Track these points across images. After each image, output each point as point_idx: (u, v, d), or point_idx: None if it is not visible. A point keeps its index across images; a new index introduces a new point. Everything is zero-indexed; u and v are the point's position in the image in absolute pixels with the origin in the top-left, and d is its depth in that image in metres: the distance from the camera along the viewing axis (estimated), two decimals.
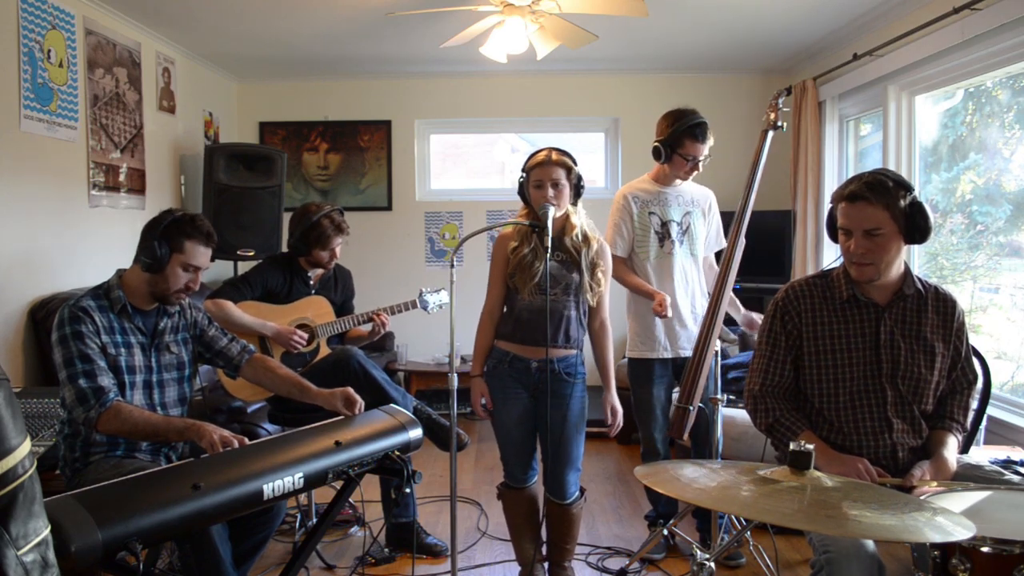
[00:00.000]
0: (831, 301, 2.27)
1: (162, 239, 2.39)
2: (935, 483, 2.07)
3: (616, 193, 3.35)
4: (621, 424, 2.86)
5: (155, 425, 2.27)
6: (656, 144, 3.21)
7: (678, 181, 3.27)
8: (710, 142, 3.18)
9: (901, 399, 2.21)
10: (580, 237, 2.77)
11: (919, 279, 2.28)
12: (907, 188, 2.14)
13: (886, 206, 2.10)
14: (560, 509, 2.82)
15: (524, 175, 2.76)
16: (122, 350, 2.38)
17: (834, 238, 2.28)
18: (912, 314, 2.25)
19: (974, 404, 2.30)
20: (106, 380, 2.28)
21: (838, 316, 2.25)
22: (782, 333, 2.30)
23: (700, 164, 3.21)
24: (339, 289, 3.59)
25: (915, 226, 2.14)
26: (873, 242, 2.13)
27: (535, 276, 2.70)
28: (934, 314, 2.26)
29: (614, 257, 3.21)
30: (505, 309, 2.85)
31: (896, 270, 2.22)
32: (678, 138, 3.16)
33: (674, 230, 3.23)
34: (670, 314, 3.07)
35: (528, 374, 2.76)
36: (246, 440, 2.17)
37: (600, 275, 2.79)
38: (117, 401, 2.26)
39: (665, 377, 3.23)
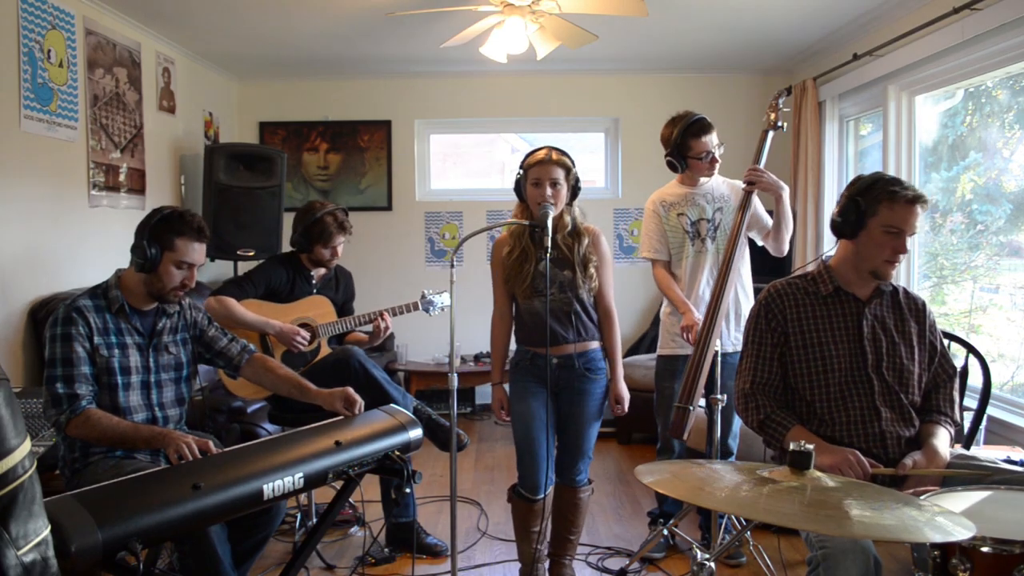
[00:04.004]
0: (814, 296, 2.35)
1: (151, 239, 2.37)
2: (926, 471, 2.12)
3: (646, 201, 3.38)
4: (626, 411, 2.88)
5: (123, 433, 2.28)
6: (668, 159, 3.25)
7: (703, 179, 3.28)
8: (714, 132, 3.20)
9: (888, 388, 2.27)
10: (571, 233, 2.79)
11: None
12: None
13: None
14: (568, 492, 2.84)
15: (522, 172, 2.76)
16: (116, 351, 2.38)
17: (849, 235, 2.28)
18: (889, 310, 2.35)
19: (957, 396, 2.37)
20: (83, 387, 2.28)
21: (822, 310, 2.33)
22: (768, 331, 2.36)
23: (716, 155, 3.21)
24: (340, 289, 3.59)
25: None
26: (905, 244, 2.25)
27: (526, 278, 2.73)
28: (907, 311, 2.36)
29: (656, 263, 3.30)
30: (515, 313, 2.88)
31: None
32: (683, 143, 3.18)
33: (705, 228, 3.24)
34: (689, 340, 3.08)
35: (549, 371, 2.76)
36: (212, 447, 2.17)
37: (593, 269, 2.80)
38: (88, 409, 2.27)
39: None
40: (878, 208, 2.22)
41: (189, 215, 2.44)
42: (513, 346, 2.93)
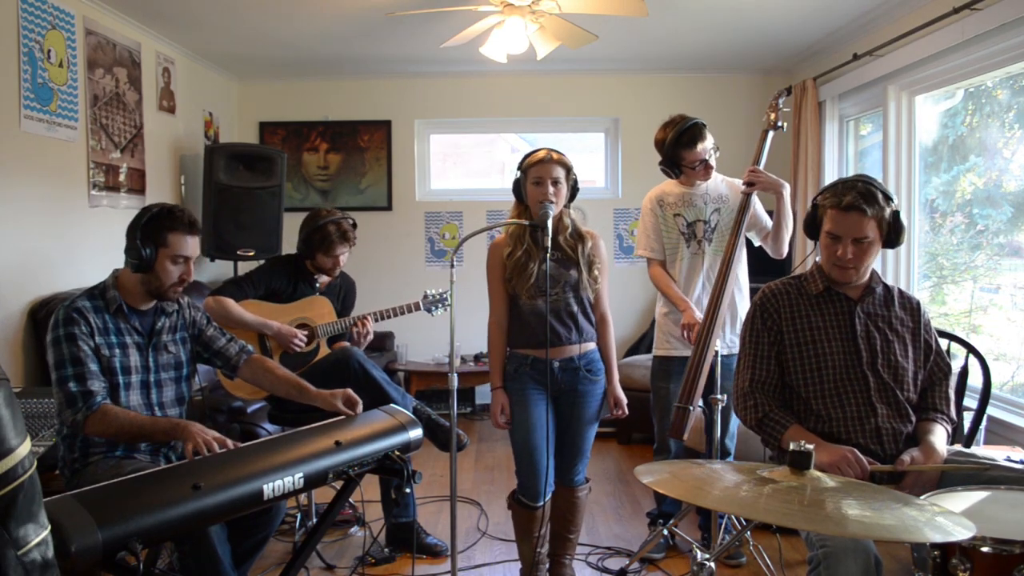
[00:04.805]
0: (806, 296, 2.38)
1: (144, 237, 2.36)
2: (924, 467, 2.13)
3: (644, 198, 3.36)
4: (627, 413, 2.89)
5: (141, 426, 2.27)
6: (662, 168, 3.25)
7: (700, 181, 3.28)
8: (707, 140, 3.17)
9: (883, 385, 2.28)
10: (573, 235, 2.79)
11: (882, 280, 2.42)
12: (891, 198, 2.28)
13: (875, 216, 2.23)
14: (567, 492, 2.84)
15: (521, 173, 2.76)
16: (117, 351, 2.38)
17: (812, 236, 2.39)
18: (882, 308, 2.36)
19: (953, 394, 2.38)
20: (96, 384, 2.27)
21: (814, 309, 2.36)
22: (764, 331, 2.38)
23: (710, 161, 3.19)
24: (341, 296, 3.57)
25: (894, 233, 2.28)
26: (859, 248, 2.25)
27: (531, 277, 2.72)
28: (900, 310, 2.37)
29: (652, 261, 3.30)
30: (511, 316, 2.83)
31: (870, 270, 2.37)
32: (674, 154, 3.17)
33: (701, 230, 3.23)
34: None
35: (550, 375, 2.75)
36: (229, 443, 2.17)
37: (597, 271, 2.80)
38: (104, 404, 2.26)
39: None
40: (823, 214, 2.30)
41: (178, 210, 2.43)
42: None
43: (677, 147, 3.15)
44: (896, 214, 2.26)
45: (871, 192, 2.23)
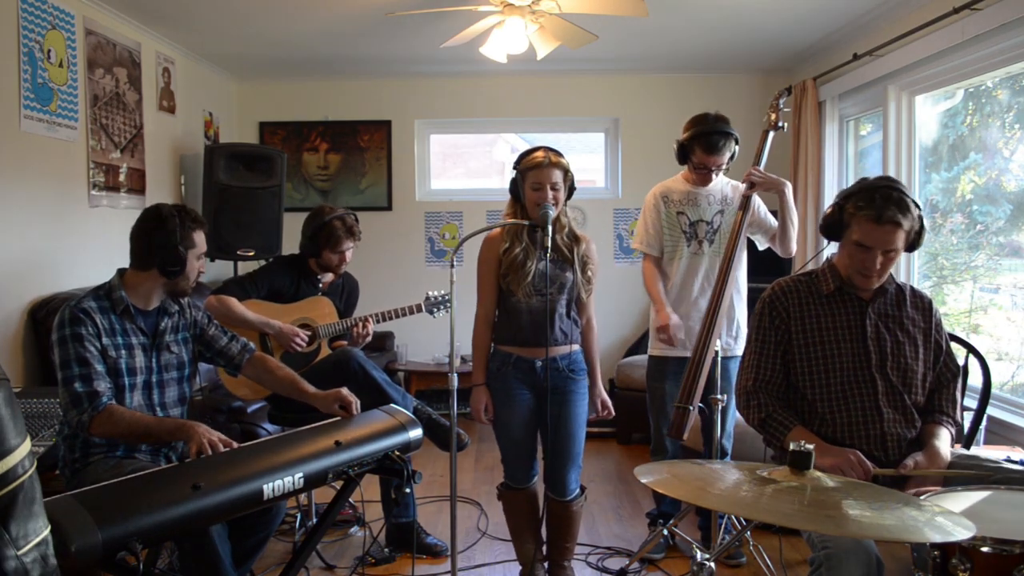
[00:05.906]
0: (817, 295, 2.35)
1: (181, 244, 2.40)
2: (927, 472, 2.11)
3: (648, 192, 3.35)
4: (613, 413, 2.90)
5: (147, 426, 2.27)
6: (677, 147, 3.22)
7: (699, 186, 3.26)
8: (723, 156, 3.14)
9: (892, 388, 2.25)
10: (570, 235, 2.79)
11: (893, 278, 2.38)
12: (917, 203, 2.23)
13: (909, 228, 2.19)
14: (561, 506, 2.82)
15: (518, 173, 2.75)
16: (123, 352, 2.38)
17: (834, 237, 2.32)
18: (893, 308, 2.33)
19: (960, 397, 2.36)
20: (102, 384, 2.27)
21: (824, 309, 2.32)
22: (771, 329, 2.35)
23: (714, 173, 3.18)
24: (344, 296, 3.57)
25: (917, 240, 2.24)
26: (887, 258, 2.22)
27: (528, 275, 2.71)
28: (912, 309, 2.34)
29: (648, 257, 3.29)
30: (498, 312, 2.83)
31: None
32: (690, 145, 3.16)
33: (703, 230, 3.22)
34: (678, 336, 3.13)
35: (533, 374, 2.75)
36: (234, 444, 2.17)
37: (590, 273, 2.80)
38: (110, 404, 2.26)
39: (680, 374, 3.23)
40: (852, 220, 2.23)
41: (190, 210, 2.49)
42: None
43: (695, 142, 3.14)
44: (921, 221, 2.21)
45: (904, 202, 2.17)
